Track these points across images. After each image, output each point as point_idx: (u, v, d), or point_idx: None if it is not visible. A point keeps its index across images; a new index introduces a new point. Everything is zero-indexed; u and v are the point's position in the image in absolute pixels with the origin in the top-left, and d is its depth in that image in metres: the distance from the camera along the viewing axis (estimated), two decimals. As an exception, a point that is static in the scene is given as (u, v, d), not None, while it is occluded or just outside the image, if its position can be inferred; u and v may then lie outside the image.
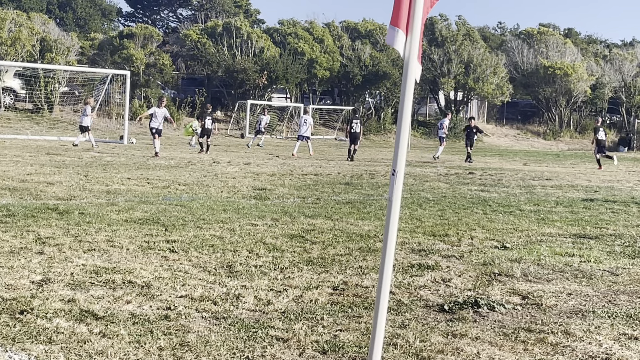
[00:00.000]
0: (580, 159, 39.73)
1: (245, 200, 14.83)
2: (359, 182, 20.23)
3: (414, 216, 13.24)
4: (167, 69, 59.12)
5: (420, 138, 61.80)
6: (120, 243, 9.49)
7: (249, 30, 61.69)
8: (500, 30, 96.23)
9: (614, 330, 6.42)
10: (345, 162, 30.11)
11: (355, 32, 68.71)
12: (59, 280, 7.39)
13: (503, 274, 8.52)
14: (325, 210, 13.65)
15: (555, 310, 7.05)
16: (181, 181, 18.19)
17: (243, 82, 58.44)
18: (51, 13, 74.88)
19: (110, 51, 58.26)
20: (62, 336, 5.71)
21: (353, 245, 10.00)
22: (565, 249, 10.32)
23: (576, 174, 27.85)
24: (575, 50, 72.36)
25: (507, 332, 6.27)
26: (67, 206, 12.62)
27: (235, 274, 7.99)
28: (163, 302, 6.77)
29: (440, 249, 9.99)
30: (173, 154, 30.36)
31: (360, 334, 6.05)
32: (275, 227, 11.32)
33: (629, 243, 11.06)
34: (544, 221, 13.24)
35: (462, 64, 64.05)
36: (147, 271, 7.94)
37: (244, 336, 5.88)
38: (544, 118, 71.29)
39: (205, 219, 11.85)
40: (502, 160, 37.36)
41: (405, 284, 7.83)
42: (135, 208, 12.82)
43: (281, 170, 23.47)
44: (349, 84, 63.03)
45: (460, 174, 25.23)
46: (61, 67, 47.63)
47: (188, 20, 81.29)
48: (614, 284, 8.22)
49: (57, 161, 23.19)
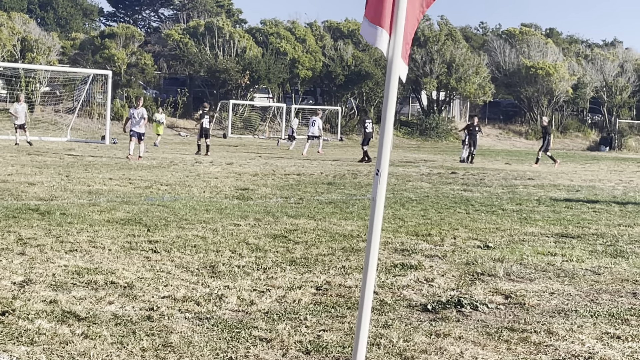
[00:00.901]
0: (562, 158, 39.79)
1: (227, 200, 14.80)
2: (341, 182, 20.23)
3: (397, 216, 13.24)
4: (149, 68, 59.00)
5: (402, 138, 61.92)
6: (102, 243, 9.45)
7: (231, 30, 61.63)
8: (483, 30, 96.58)
9: (596, 329, 6.44)
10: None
11: (337, 32, 68.78)
12: (40, 281, 7.35)
13: (486, 273, 8.53)
14: (308, 210, 13.64)
15: (538, 309, 7.07)
16: (163, 181, 18.14)
17: (225, 82, 58.39)
18: (32, 13, 74.60)
19: (91, 51, 58.07)
20: (44, 337, 5.67)
21: (336, 245, 9.99)
22: (548, 248, 10.34)
23: (558, 173, 27.95)
24: (557, 50, 72.71)
25: (490, 332, 6.27)
26: (48, 207, 12.56)
27: (218, 275, 7.97)
28: (146, 303, 6.74)
29: (423, 249, 9.99)
30: (155, 154, 30.26)
31: (344, 334, 6.05)
32: (258, 227, 11.30)
33: (610, 242, 11.10)
34: (527, 220, 13.27)
35: (444, 63, 64.22)
36: (130, 272, 7.91)
37: (227, 337, 5.87)
38: (526, 118, 71.62)
39: (188, 219, 11.82)
40: (485, 159, 37.45)
41: (388, 284, 7.83)
42: (117, 208, 12.77)
43: (264, 170, 23.44)
44: (331, 84, 63.08)
45: (442, 173, 25.27)
46: (42, 67, 47.47)
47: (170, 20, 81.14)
48: (596, 283, 8.24)
49: (39, 161, 23.09)
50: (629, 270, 9.02)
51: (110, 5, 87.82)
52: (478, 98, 65.78)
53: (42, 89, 50.65)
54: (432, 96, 67.57)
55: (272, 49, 60.88)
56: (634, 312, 7.04)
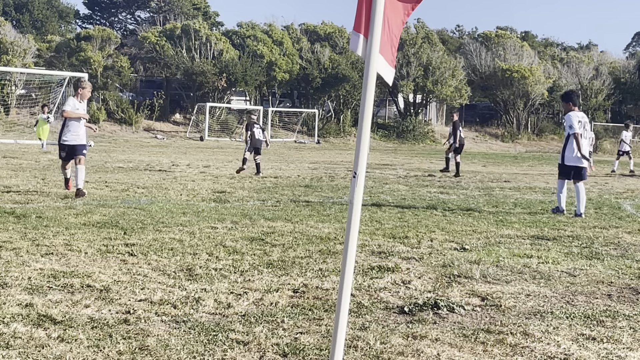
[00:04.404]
0: (537, 161, 40.04)
1: (204, 203, 14.77)
2: (318, 184, 20.24)
3: (374, 218, 13.26)
4: (125, 71, 58.80)
5: (379, 140, 62.00)
6: (79, 247, 9.41)
7: (207, 33, 61.53)
8: (459, 33, 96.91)
9: (572, 331, 6.48)
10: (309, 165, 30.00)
11: (314, 34, 68.86)
12: (16, 285, 7.31)
13: (462, 275, 8.56)
14: (285, 212, 13.64)
15: (514, 311, 7.10)
16: (140, 184, 18.08)
17: (202, 85, 58.28)
18: (7, 15, 74.12)
19: (67, 53, 57.81)
20: (19, 341, 5.64)
21: (313, 248, 9.99)
22: (524, 250, 10.39)
23: (534, 175, 28.08)
24: (533, 53, 73.13)
25: (466, 334, 6.30)
26: (24, 210, 12.49)
27: (195, 277, 7.95)
28: (122, 306, 6.72)
29: (400, 251, 10.02)
30: (132, 156, 30.16)
31: (321, 337, 6.05)
32: (235, 230, 11.29)
33: (586, 244, 11.17)
34: (503, 223, 13.33)
35: (421, 66, 64.40)
36: (106, 275, 7.88)
37: (204, 340, 5.86)
38: (502, 120, 71.93)
39: (165, 222, 11.79)
40: (461, 162, 37.54)
41: (365, 286, 7.84)
42: (94, 211, 12.71)
43: (240, 173, 23.40)
44: (308, 87, 63.07)
45: (419, 176, 25.33)
46: (18, 70, 47.20)
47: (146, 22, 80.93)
48: (572, 285, 8.29)
49: (14, 164, 22.95)
50: (604, 272, 9.08)
51: (86, 7, 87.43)
52: (454, 101, 65.97)
53: (17, 92, 50.34)
54: (409, 99, 67.73)
55: (249, 51, 60.84)
56: (609, 314, 7.08)
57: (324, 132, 62.44)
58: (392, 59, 4.74)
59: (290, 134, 61.26)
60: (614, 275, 8.92)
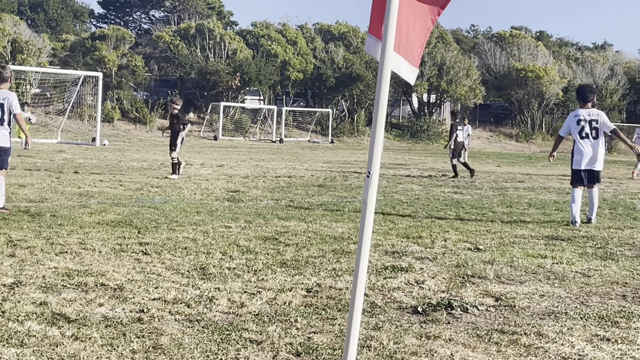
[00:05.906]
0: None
1: (218, 202, 14.78)
2: (332, 184, 20.23)
3: (388, 218, 13.25)
4: (139, 70, 58.95)
5: (393, 140, 61.95)
6: (93, 245, 9.43)
7: (221, 32, 61.63)
8: (473, 33, 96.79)
9: (586, 332, 6.45)
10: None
11: (328, 34, 68.83)
12: (30, 283, 7.33)
13: (476, 275, 8.54)
14: (299, 212, 13.64)
15: (528, 311, 7.08)
16: (154, 183, 18.11)
17: (216, 84, 58.37)
18: (22, 14, 74.43)
19: (82, 53, 58.00)
20: (34, 339, 5.66)
21: (327, 248, 9.98)
22: (538, 250, 10.36)
23: (548, 175, 28.00)
24: (547, 53, 72.95)
25: (480, 334, 6.28)
26: (38, 208, 12.53)
27: (209, 277, 7.96)
28: (136, 305, 6.73)
29: (414, 251, 10.00)
30: (146, 155, 30.22)
31: (334, 336, 6.04)
32: (249, 230, 11.29)
33: (600, 245, 11.13)
34: (517, 223, 13.29)
35: (435, 66, 64.34)
36: (120, 274, 7.89)
37: (218, 339, 5.86)
38: (516, 120, 71.78)
39: (179, 221, 11.80)
40: (475, 162, 37.45)
41: (378, 286, 7.83)
42: (108, 210, 12.74)
43: (254, 172, 23.43)
44: (322, 86, 63.10)
45: (433, 176, 25.28)
46: (33, 69, 47.36)
47: (161, 21, 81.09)
48: (586, 286, 8.26)
49: (29, 163, 23.03)
50: (619, 272, 9.04)
51: (101, 7, 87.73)
52: (469, 100, 65.90)
53: (32, 91, 50.53)
54: (423, 98, 67.67)
55: (262, 51, 60.89)
56: (623, 315, 7.05)
57: (337, 131, 62.44)
58: (415, 59, 4.74)
59: (304, 134, 61.28)
60: (628, 275, 8.88)
